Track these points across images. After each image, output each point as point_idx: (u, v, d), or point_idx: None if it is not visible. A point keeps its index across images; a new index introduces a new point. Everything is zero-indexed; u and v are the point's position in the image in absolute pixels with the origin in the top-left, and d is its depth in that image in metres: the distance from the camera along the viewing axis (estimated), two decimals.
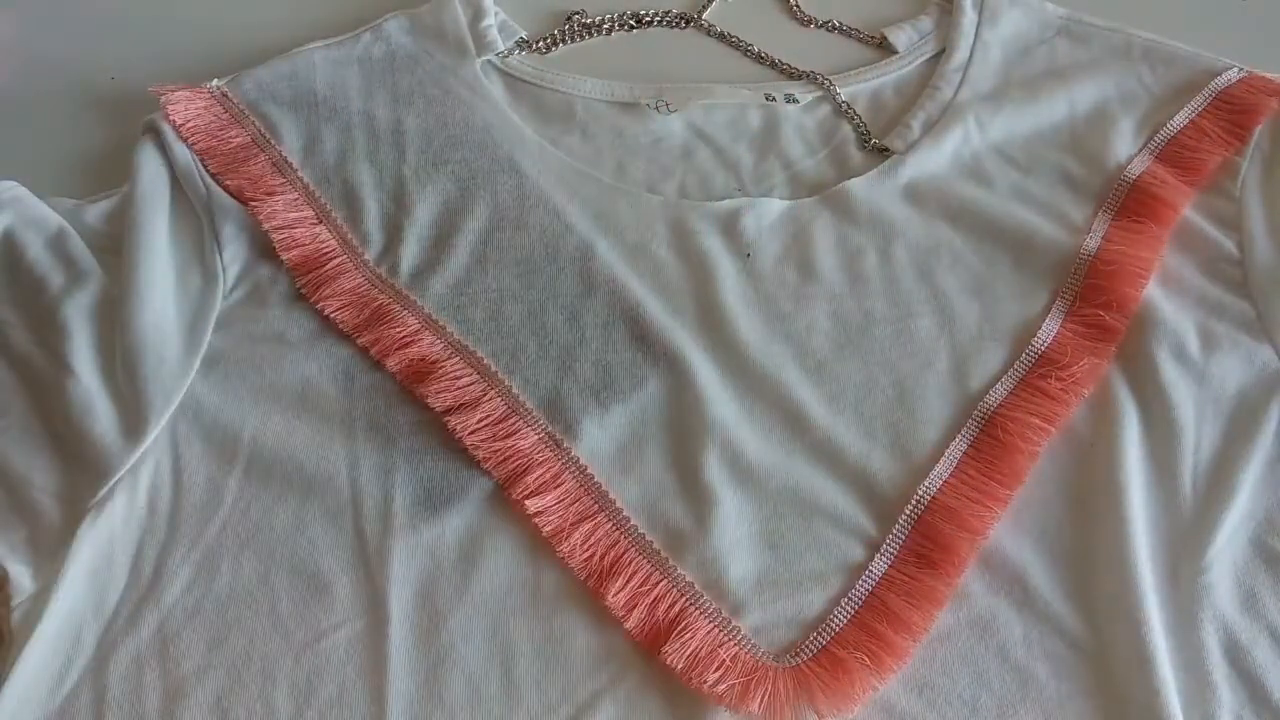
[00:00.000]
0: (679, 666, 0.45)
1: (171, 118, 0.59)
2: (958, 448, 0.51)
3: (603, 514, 0.49)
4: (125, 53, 0.67)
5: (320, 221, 0.58)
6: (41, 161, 0.63)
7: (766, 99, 0.64)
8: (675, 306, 0.55)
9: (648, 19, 0.69)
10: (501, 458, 0.50)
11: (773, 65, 0.67)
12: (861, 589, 0.48)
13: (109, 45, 0.58)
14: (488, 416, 0.51)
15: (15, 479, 0.50)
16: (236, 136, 0.60)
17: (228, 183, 0.58)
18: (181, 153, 0.59)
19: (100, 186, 0.60)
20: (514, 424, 0.51)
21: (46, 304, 0.54)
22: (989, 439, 0.51)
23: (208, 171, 0.58)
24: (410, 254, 0.57)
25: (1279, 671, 0.46)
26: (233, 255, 0.56)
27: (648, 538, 0.49)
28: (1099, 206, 0.58)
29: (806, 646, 0.46)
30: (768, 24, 0.70)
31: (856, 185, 0.59)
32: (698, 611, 0.47)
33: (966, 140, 0.61)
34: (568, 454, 0.51)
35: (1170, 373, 0.52)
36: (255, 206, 0.57)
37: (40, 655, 0.46)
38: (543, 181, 0.59)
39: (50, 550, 0.49)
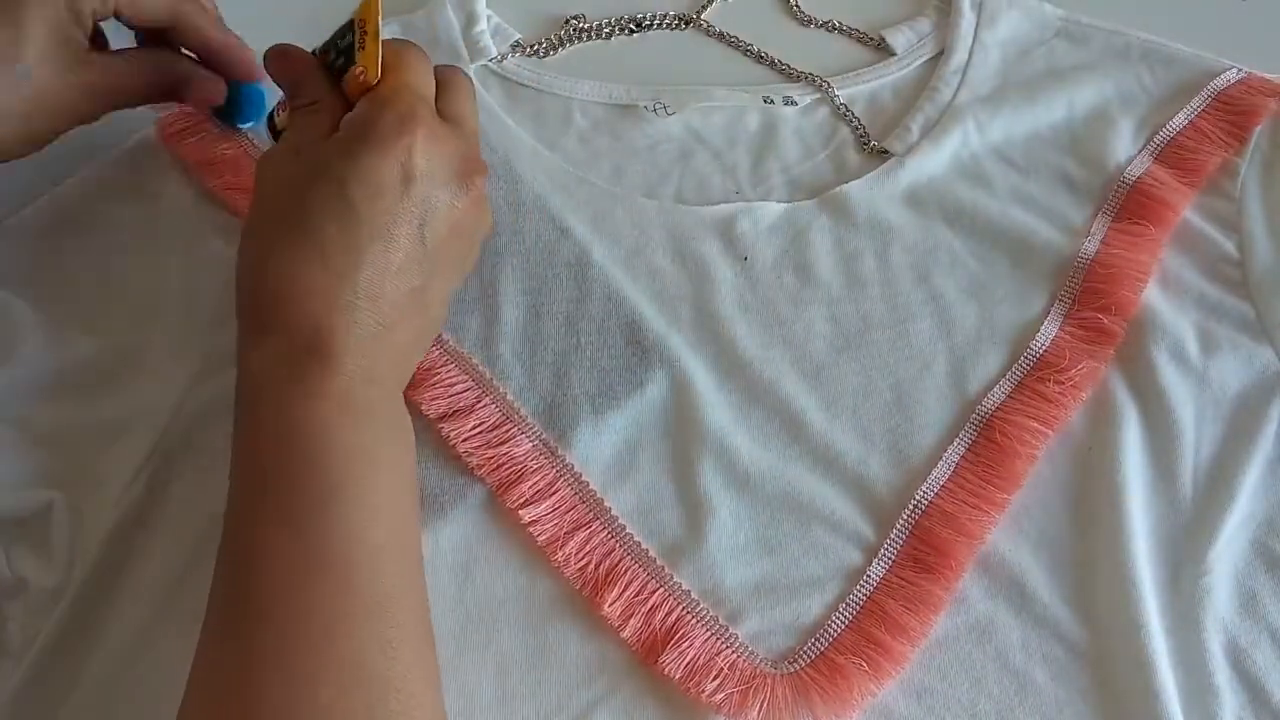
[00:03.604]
0: (676, 676, 0.45)
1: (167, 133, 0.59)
2: (955, 451, 0.51)
3: (598, 522, 0.49)
4: None
5: None
6: (41, 161, 0.63)
7: (765, 101, 0.64)
8: (672, 312, 0.55)
9: (647, 23, 0.69)
10: (495, 465, 0.50)
11: (772, 65, 0.67)
12: (859, 594, 0.47)
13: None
14: (481, 423, 0.51)
15: None
16: (229, 150, 0.60)
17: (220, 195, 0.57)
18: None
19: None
20: (508, 431, 0.51)
21: None
22: (987, 442, 0.51)
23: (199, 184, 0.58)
24: None
25: None
26: None
27: (643, 546, 0.49)
28: (1098, 208, 0.58)
29: (804, 653, 0.46)
30: (768, 24, 0.69)
31: (854, 188, 0.59)
32: (694, 620, 0.47)
33: (965, 142, 0.60)
34: (562, 461, 0.50)
35: (1170, 375, 0.52)
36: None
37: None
38: (538, 186, 0.59)
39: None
